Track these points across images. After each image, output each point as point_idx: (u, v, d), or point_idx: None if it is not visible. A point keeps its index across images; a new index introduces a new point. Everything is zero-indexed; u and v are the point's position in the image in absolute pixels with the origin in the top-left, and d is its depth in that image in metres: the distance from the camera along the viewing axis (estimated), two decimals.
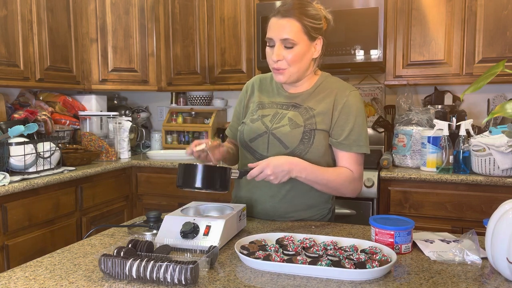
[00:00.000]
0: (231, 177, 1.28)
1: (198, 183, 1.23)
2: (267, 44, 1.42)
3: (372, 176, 2.40)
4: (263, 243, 1.16)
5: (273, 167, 1.30)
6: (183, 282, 0.93)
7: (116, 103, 3.54)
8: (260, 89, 1.57)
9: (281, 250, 1.11)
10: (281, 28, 1.37)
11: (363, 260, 1.01)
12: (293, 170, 1.32)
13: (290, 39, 1.36)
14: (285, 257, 1.07)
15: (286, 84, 1.49)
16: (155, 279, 0.94)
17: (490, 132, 2.22)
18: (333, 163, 1.50)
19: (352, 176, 1.42)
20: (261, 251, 1.08)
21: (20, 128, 2.31)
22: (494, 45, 2.47)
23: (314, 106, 1.45)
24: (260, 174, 1.30)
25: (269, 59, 1.43)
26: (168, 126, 3.43)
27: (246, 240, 1.18)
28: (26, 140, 2.35)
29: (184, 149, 3.27)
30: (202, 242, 1.14)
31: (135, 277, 0.96)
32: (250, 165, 1.33)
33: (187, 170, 1.25)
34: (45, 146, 2.42)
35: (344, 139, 1.42)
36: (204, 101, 3.41)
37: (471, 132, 2.36)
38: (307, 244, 1.14)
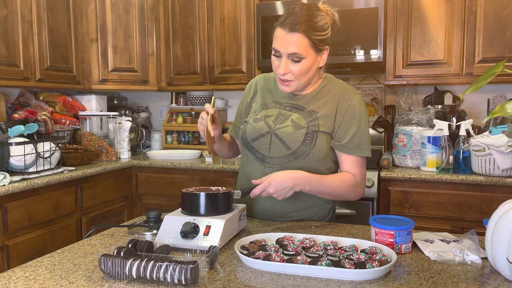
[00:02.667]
0: (234, 198, 1.30)
1: (202, 211, 1.25)
2: (273, 53, 1.41)
3: (372, 176, 2.40)
4: (263, 243, 1.16)
5: (275, 185, 1.30)
6: (183, 282, 0.93)
7: (116, 103, 3.54)
8: (263, 89, 1.57)
9: (281, 250, 1.11)
10: (288, 43, 1.35)
11: (363, 260, 1.01)
12: (297, 185, 1.33)
13: (298, 54, 1.35)
14: (285, 257, 1.07)
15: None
16: (155, 279, 0.94)
17: (490, 132, 2.22)
18: (333, 165, 1.51)
19: (355, 181, 1.42)
20: (261, 251, 1.08)
21: (20, 128, 2.31)
22: (494, 45, 2.47)
23: (317, 109, 1.45)
24: (263, 192, 1.32)
25: (275, 69, 1.42)
26: (168, 126, 3.43)
27: (246, 240, 1.18)
28: (26, 140, 2.35)
29: (184, 149, 3.30)
30: (202, 242, 1.14)
31: (135, 277, 0.96)
32: (254, 181, 1.34)
33: (191, 198, 1.26)
34: (45, 146, 2.42)
35: (348, 142, 1.42)
36: (204, 101, 3.41)
37: (471, 132, 2.36)
38: (307, 244, 1.14)
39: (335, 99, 1.45)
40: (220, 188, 1.36)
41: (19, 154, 2.28)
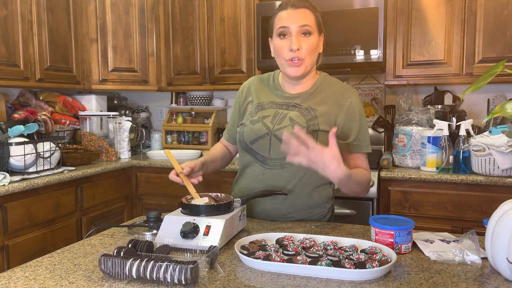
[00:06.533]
0: (234, 207, 1.30)
1: (202, 211, 1.25)
2: (278, 34, 1.40)
3: (372, 176, 2.40)
4: (263, 243, 1.16)
5: (333, 156, 1.16)
6: (183, 282, 0.93)
7: (116, 103, 3.54)
8: (258, 90, 1.56)
9: (281, 250, 1.11)
10: (298, 16, 1.38)
11: (363, 260, 1.01)
12: (340, 179, 1.20)
13: (309, 25, 1.38)
14: (285, 257, 1.07)
15: (296, 79, 1.47)
16: (155, 279, 0.94)
17: (490, 132, 2.22)
18: None
19: (369, 176, 1.46)
20: (261, 251, 1.08)
21: (20, 128, 2.31)
22: (494, 45, 2.47)
23: (315, 107, 1.45)
24: (315, 153, 1.16)
25: (283, 51, 1.40)
26: (168, 126, 3.43)
27: (246, 240, 1.18)
28: (26, 140, 2.35)
29: (184, 149, 3.30)
30: (202, 242, 1.14)
31: (135, 277, 0.96)
32: (298, 132, 1.17)
33: (192, 209, 1.26)
34: (45, 146, 2.42)
35: (354, 140, 1.44)
36: (204, 101, 3.41)
37: (471, 132, 2.36)
38: (307, 244, 1.14)
39: (333, 97, 1.46)
40: (219, 194, 1.37)
41: (19, 154, 2.28)
